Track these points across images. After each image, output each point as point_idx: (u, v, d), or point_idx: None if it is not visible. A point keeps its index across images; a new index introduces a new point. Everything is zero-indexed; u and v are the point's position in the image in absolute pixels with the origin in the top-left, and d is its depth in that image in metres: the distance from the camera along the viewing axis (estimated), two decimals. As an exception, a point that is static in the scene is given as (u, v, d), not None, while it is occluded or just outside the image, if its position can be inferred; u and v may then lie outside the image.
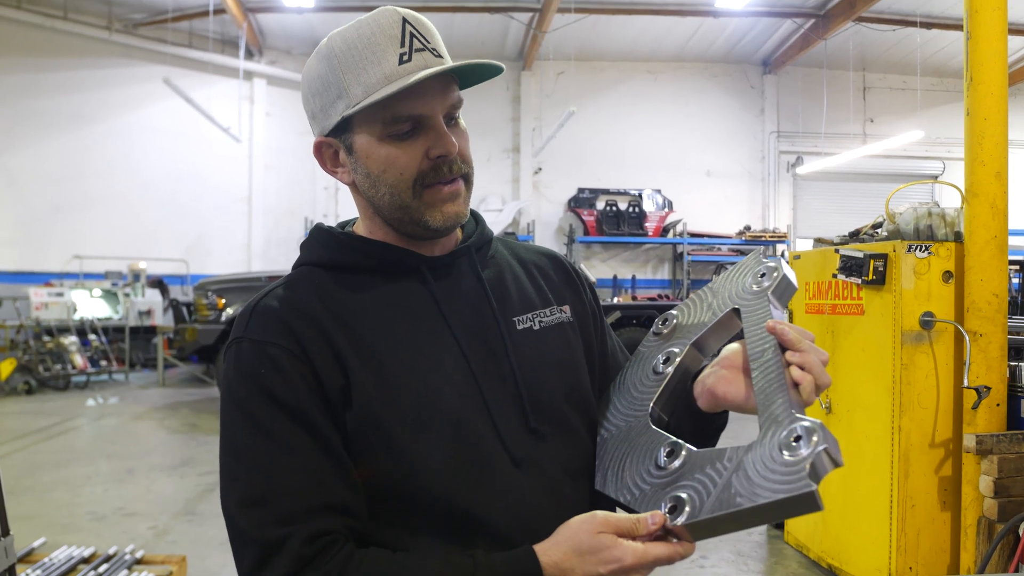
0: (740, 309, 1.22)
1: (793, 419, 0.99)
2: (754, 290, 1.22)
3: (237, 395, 1.14)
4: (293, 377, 1.12)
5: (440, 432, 1.14)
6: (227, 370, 1.17)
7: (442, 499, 1.13)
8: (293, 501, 1.06)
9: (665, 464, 1.10)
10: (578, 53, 15.91)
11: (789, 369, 1.07)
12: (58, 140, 14.69)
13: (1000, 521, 3.44)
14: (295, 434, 1.10)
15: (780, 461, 0.96)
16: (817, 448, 0.94)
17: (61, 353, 11.99)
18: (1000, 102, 3.53)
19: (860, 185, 17.19)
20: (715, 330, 1.25)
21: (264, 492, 1.08)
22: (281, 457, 1.09)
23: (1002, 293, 3.62)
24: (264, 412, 1.11)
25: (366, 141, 1.19)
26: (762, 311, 1.18)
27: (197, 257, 15.59)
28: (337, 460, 1.11)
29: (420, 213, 1.20)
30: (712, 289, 1.30)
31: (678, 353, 1.24)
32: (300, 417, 1.10)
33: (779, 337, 1.11)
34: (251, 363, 1.14)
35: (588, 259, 16.64)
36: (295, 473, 1.08)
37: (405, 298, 1.23)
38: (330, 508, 1.08)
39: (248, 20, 14.54)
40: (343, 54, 1.17)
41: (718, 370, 1.21)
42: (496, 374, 1.22)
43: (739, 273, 1.27)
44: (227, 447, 1.14)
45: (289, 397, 1.11)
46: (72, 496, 5.98)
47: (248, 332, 1.17)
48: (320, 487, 1.08)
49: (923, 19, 14.22)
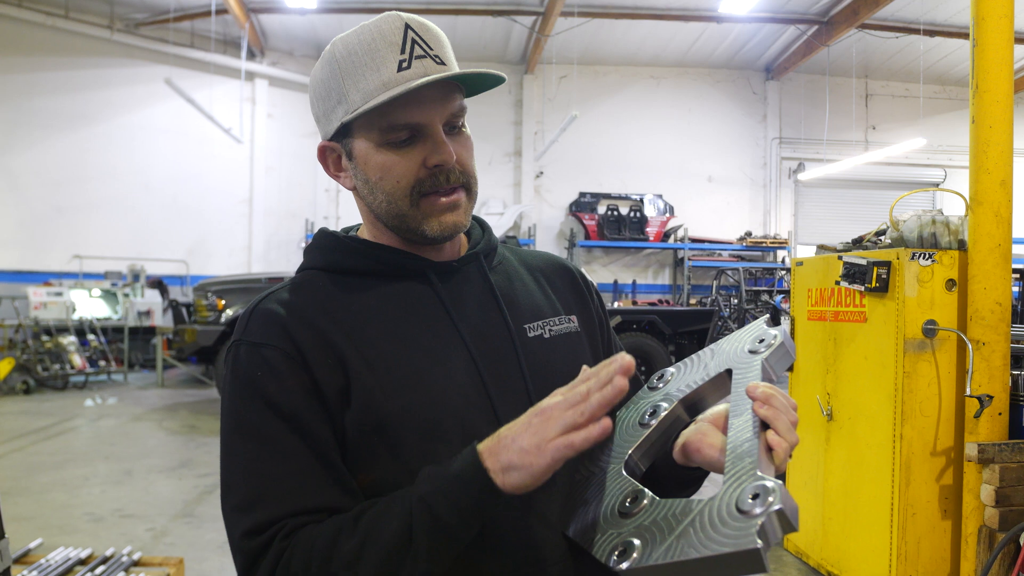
0: (732, 370, 1.21)
1: (755, 477, 0.98)
2: (750, 353, 1.21)
3: (234, 399, 1.13)
4: (288, 380, 1.11)
5: (446, 437, 1.12)
6: (226, 373, 1.17)
7: None
8: (284, 505, 1.05)
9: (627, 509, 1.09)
10: (581, 57, 15.93)
11: (766, 433, 1.05)
12: (59, 140, 14.69)
13: (1001, 530, 3.42)
14: (288, 438, 1.09)
15: (733, 515, 0.94)
16: (771, 508, 0.92)
17: (60, 353, 11.98)
18: (1006, 110, 3.52)
19: (861, 192, 17.21)
20: (707, 390, 1.24)
21: (256, 497, 1.07)
22: (273, 461, 1.08)
23: (1005, 302, 3.60)
24: (258, 416, 1.10)
25: (364, 148, 1.18)
26: (751, 374, 1.17)
27: (197, 258, 15.59)
28: (331, 465, 1.10)
29: (417, 222, 1.19)
30: (713, 349, 1.29)
31: (665, 408, 1.23)
32: (294, 421, 1.09)
33: (750, 394, 1.09)
34: (247, 366, 1.13)
35: (589, 263, 16.64)
36: (288, 477, 1.07)
37: (412, 302, 1.21)
38: (321, 511, 1.06)
39: (250, 21, 14.55)
40: (344, 60, 1.16)
41: (699, 425, 1.19)
42: (506, 381, 1.20)
43: (741, 336, 1.27)
44: (224, 451, 1.13)
45: (283, 400, 1.10)
46: (69, 497, 5.96)
47: (246, 335, 1.16)
48: (313, 491, 1.07)
49: (926, 27, 14.24)
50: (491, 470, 0.98)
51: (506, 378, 1.20)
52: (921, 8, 13.75)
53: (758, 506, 0.93)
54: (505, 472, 0.97)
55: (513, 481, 0.97)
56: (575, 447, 0.95)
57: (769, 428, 1.05)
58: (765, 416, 1.05)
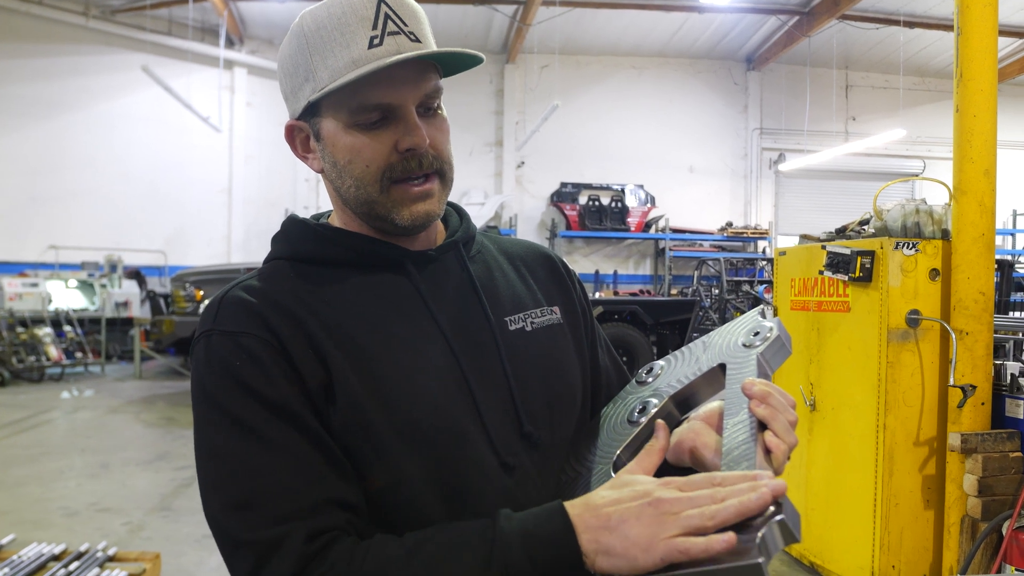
0: (726, 365, 1.16)
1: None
2: (744, 347, 1.16)
3: (211, 392, 1.04)
4: (271, 368, 1.03)
5: (427, 435, 1.06)
6: (197, 366, 1.07)
7: (426, 507, 1.06)
8: (286, 501, 0.97)
9: None
10: (563, 47, 15.87)
11: (763, 434, 1.00)
12: (35, 128, 14.49)
13: (984, 520, 3.42)
14: (279, 429, 1.00)
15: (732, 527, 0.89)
16: (773, 518, 0.86)
17: (35, 345, 11.83)
18: (990, 99, 3.51)
19: (841, 183, 17.30)
20: (699, 385, 1.19)
21: (252, 494, 0.98)
22: (267, 455, 0.99)
23: (989, 291, 3.60)
24: (243, 407, 1.01)
25: (333, 128, 1.12)
26: (747, 369, 1.11)
27: (176, 248, 15.44)
28: (329, 453, 1.02)
29: (387, 209, 1.12)
30: (705, 342, 1.24)
31: (655, 404, 1.18)
32: (283, 410, 1.01)
33: (746, 391, 1.03)
34: (224, 355, 1.04)
35: (570, 254, 16.63)
36: (284, 471, 0.99)
37: (388, 292, 1.15)
38: (329, 503, 0.98)
39: (229, 8, 14.39)
40: (312, 34, 1.10)
41: (691, 424, 1.13)
42: (487, 374, 1.14)
43: (735, 329, 1.22)
44: (206, 450, 1.04)
45: (268, 390, 1.02)
46: (44, 491, 5.87)
47: (218, 324, 1.08)
48: (314, 483, 0.99)
49: (906, 18, 14.29)
50: (585, 550, 0.88)
51: (487, 373, 1.14)
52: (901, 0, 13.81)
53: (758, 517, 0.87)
54: (600, 555, 0.88)
55: (604, 567, 0.87)
56: (690, 555, 0.84)
57: (766, 428, 1.00)
58: (762, 416, 1.00)
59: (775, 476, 0.95)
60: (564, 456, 1.20)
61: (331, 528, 0.97)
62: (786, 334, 1.17)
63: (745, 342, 1.17)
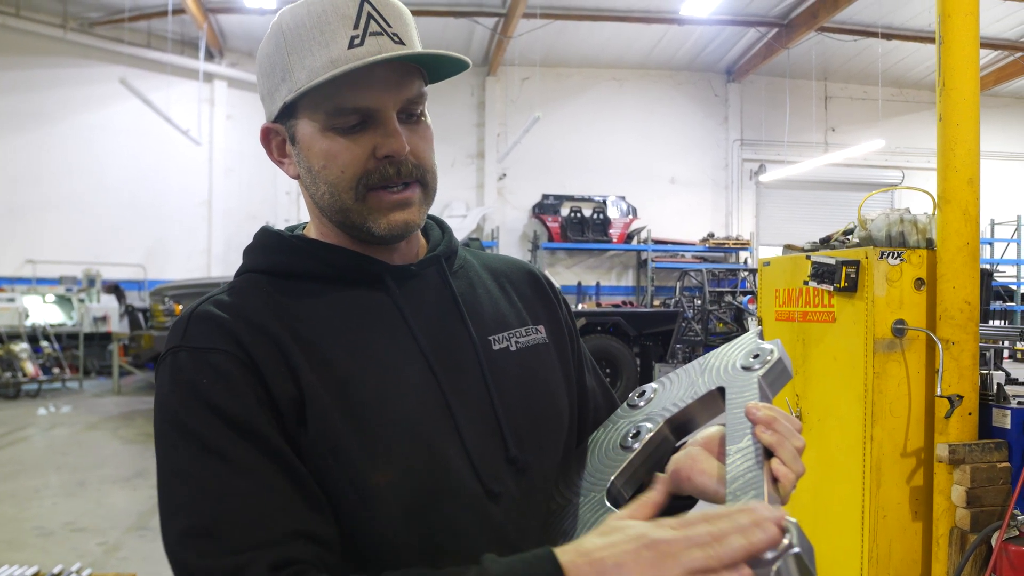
0: (725, 388, 1.11)
1: None
2: (744, 370, 1.11)
3: (174, 411, 0.97)
4: (240, 386, 0.96)
5: (403, 461, 1.00)
6: (161, 384, 1.01)
7: (403, 537, 0.99)
8: (249, 529, 0.89)
9: None
10: (544, 59, 15.90)
11: (769, 462, 0.95)
12: (11, 140, 14.33)
13: (973, 531, 3.39)
14: (246, 451, 0.93)
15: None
16: (788, 551, 0.81)
17: (11, 360, 11.66)
18: (973, 108, 3.50)
19: (822, 193, 17.40)
20: (696, 409, 1.14)
21: (213, 522, 0.90)
22: (231, 479, 0.92)
23: (974, 301, 3.59)
24: (208, 428, 0.94)
25: (309, 131, 1.06)
26: (748, 393, 1.06)
27: (156, 262, 15.29)
28: (298, 479, 0.95)
29: (363, 218, 1.07)
30: (700, 364, 1.19)
31: (649, 429, 1.13)
32: (250, 432, 0.94)
33: (750, 416, 0.98)
34: (190, 373, 0.98)
35: (552, 265, 16.61)
36: (249, 497, 0.91)
37: (366, 309, 1.09)
38: (297, 535, 0.90)
39: (208, 21, 14.31)
40: (290, 32, 1.04)
41: (689, 450, 1.07)
42: (469, 396, 1.08)
43: (732, 350, 1.17)
44: (165, 472, 0.97)
45: (237, 409, 0.95)
46: (18, 511, 5.75)
47: (185, 340, 1.01)
48: (281, 512, 0.91)
49: (884, 30, 14.41)
50: None
51: (470, 395, 1.09)
52: (879, 12, 13.91)
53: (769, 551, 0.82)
54: None
55: None
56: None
57: (771, 455, 0.95)
58: (769, 443, 0.95)
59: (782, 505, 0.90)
60: (553, 482, 1.14)
61: (298, 561, 0.89)
62: (787, 357, 1.12)
63: (744, 364, 1.12)
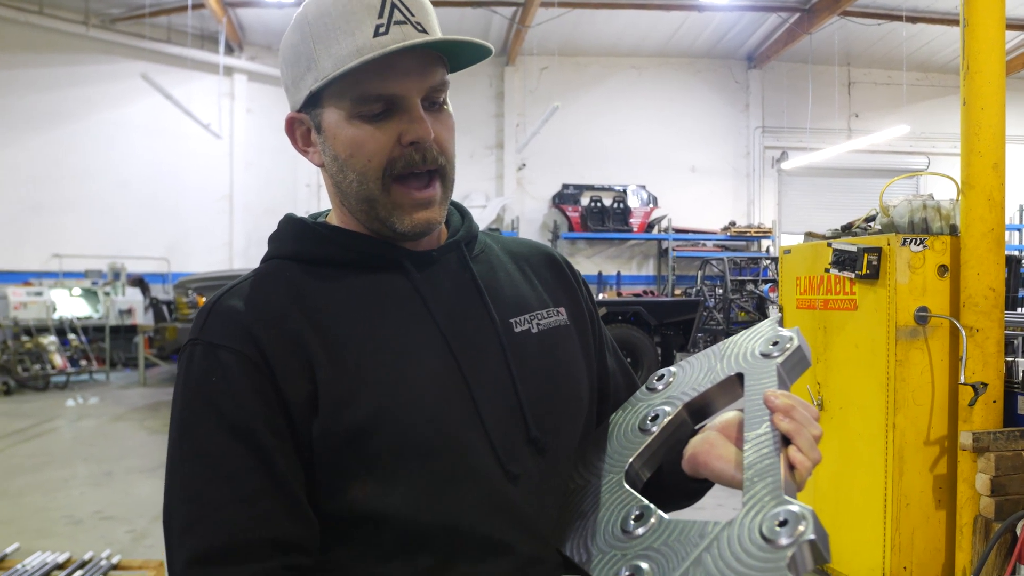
0: (744, 375, 1.12)
1: (781, 501, 0.90)
2: (763, 356, 1.12)
3: (182, 408, 1.03)
4: (245, 389, 1.00)
5: (423, 443, 1.02)
6: (178, 377, 1.06)
7: (421, 520, 1.02)
8: (223, 535, 0.95)
9: (632, 528, 1.00)
10: (562, 48, 15.84)
11: (787, 449, 0.97)
12: (36, 137, 14.46)
13: (997, 520, 3.37)
14: (237, 456, 0.98)
15: (758, 545, 0.86)
16: (802, 538, 0.83)
17: (40, 353, 11.82)
18: (998, 91, 3.46)
19: (845, 180, 17.23)
20: (714, 394, 1.16)
21: (191, 524, 0.96)
22: (216, 483, 0.97)
23: (999, 287, 3.55)
24: (206, 429, 0.99)
25: (335, 120, 1.08)
26: (767, 380, 1.07)
27: (178, 255, 15.40)
28: (283, 488, 0.98)
29: (387, 212, 1.09)
30: (719, 350, 1.20)
31: (668, 413, 1.14)
32: (246, 436, 0.98)
33: (768, 403, 1.00)
34: (200, 371, 1.02)
35: (573, 255, 16.57)
36: (233, 503, 0.96)
37: (387, 294, 1.11)
38: (270, 544, 0.96)
39: (228, 15, 14.36)
40: (316, 22, 1.06)
41: (706, 435, 1.09)
42: (490, 378, 1.10)
43: (751, 337, 1.18)
44: (168, 466, 1.03)
45: (237, 414, 0.99)
46: (48, 500, 5.84)
47: (203, 334, 1.05)
48: (260, 520, 0.96)
49: (908, 13, 14.23)
50: None
51: (490, 377, 1.10)
52: (902, -5, 13.75)
53: (785, 535, 0.84)
54: None
55: None
56: None
57: (789, 442, 0.97)
58: (787, 430, 0.97)
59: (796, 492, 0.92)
60: (572, 463, 1.16)
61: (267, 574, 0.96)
62: (806, 344, 1.13)
63: (763, 351, 1.13)
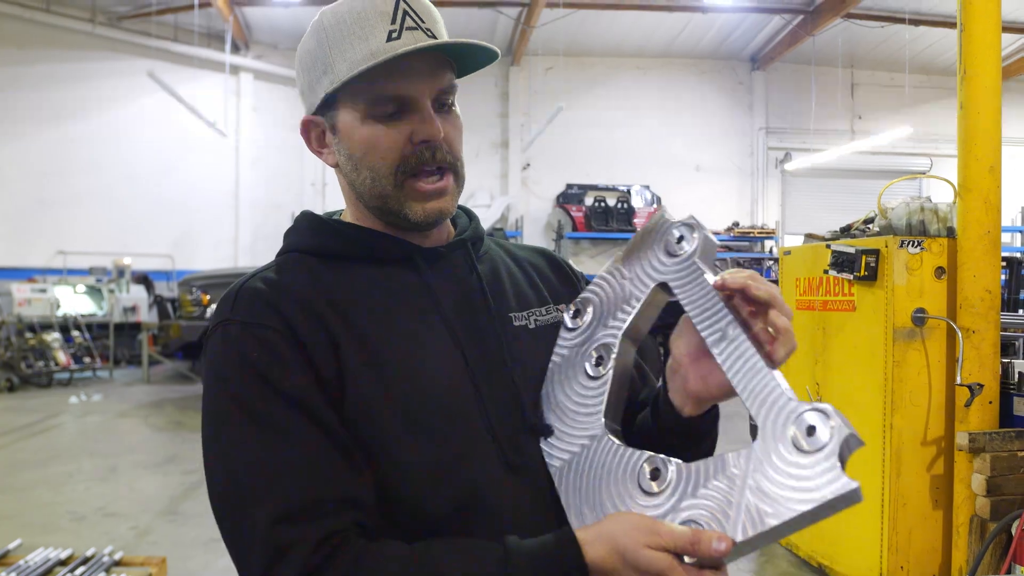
0: (668, 283, 1.08)
1: (797, 407, 0.88)
2: (676, 257, 1.07)
3: (226, 381, 1.06)
4: (288, 360, 1.04)
5: (431, 429, 1.08)
6: (213, 355, 1.08)
7: (433, 503, 1.06)
8: (298, 496, 0.98)
9: (653, 488, 0.97)
10: (567, 48, 15.85)
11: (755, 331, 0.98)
12: (42, 134, 14.51)
13: (993, 520, 3.40)
14: (296, 422, 1.02)
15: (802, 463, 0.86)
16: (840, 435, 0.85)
17: (44, 350, 11.85)
18: (994, 96, 3.49)
19: (848, 181, 17.21)
20: (643, 312, 1.11)
21: (264, 489, 0.99)
22: (282, 448, 1.01)
23: (995, 289, 3.58)
24: (259, 399, 1.03)
25: (349, 121, 1.14)
26: (696, 280, 1.03)
27: (183, 252, 15.45)
28: (343, 448, 1.03)
29: (400, 204, 1.15)
30: (619, 267, 1.15)
31: (612, 347, 1.10)
32: (300, 403, 1.02)
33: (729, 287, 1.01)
34: (241, 346, 1.06)
35: (577, 255, 16.59)
36: (299, 466, 1.00)
37: (399, 287, 1.17)
38: (340, 502, 1.00)
39: (234, 14, 14.41)
40: (331, 29, 1.12)
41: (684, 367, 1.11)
42: (492, 370, 1.16)
43: (649, 241, 1.12)
44: (217, 440, 1.05)
45: (285, 382, 1.03)
46: (52, 496, 5.88)
47: (234, 314, 1.09)
48: (328, 480, 1.00)
49: (911, 16, 14.22)
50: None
51: (492, 367, 1.16)
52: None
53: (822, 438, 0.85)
54: None
55: None
56: None
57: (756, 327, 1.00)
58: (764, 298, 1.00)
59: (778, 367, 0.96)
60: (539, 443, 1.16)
61: (339, 530, 0.98)
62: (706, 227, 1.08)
63: (671, 251, 1.08)
